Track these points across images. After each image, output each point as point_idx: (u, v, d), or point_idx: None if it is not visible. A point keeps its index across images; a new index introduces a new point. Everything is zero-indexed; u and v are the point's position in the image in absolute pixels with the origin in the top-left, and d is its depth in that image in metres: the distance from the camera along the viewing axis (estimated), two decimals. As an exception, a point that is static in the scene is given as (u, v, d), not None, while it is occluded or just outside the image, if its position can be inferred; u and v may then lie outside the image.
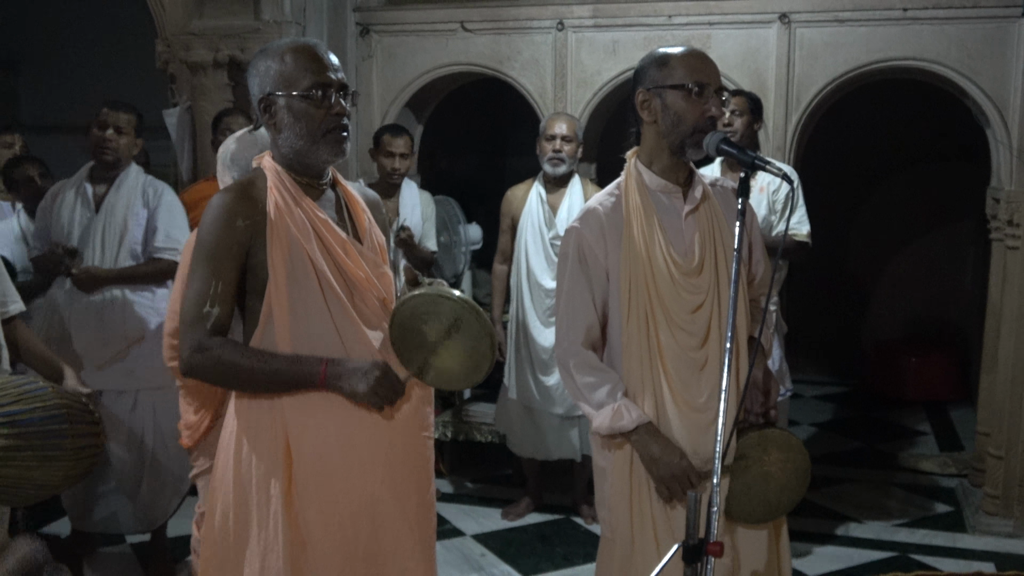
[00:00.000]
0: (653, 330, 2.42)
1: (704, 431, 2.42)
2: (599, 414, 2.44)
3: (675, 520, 2.43)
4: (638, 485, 2.46)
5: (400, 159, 4.74)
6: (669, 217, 2.47)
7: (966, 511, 4.90)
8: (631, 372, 2.45)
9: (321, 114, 2.20)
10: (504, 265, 4.84)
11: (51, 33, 8.01)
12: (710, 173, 4.20)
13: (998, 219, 4.63)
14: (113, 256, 4.00)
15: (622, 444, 2.47)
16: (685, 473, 2.39)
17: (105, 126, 3.99)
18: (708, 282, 2.45)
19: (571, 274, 2.50)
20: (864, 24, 4.65)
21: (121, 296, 4.00)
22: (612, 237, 2.47)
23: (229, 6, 4.91)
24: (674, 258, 2.44)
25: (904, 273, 7.58)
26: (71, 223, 4.03)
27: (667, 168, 2.48)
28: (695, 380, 2.44)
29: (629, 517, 2.47)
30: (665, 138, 2.43)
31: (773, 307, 4.13)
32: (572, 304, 2.50)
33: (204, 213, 2.22)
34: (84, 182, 4.08)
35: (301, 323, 2.20)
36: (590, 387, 2.45)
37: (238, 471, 2.25)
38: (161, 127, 5.12)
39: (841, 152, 7.13)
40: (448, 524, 4.74)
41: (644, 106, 2.44)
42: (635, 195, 2.47)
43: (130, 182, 4.06)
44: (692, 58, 2.42)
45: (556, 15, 5.07)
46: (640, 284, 2.42)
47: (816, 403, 7.13)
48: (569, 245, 2.51)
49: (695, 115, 2.38)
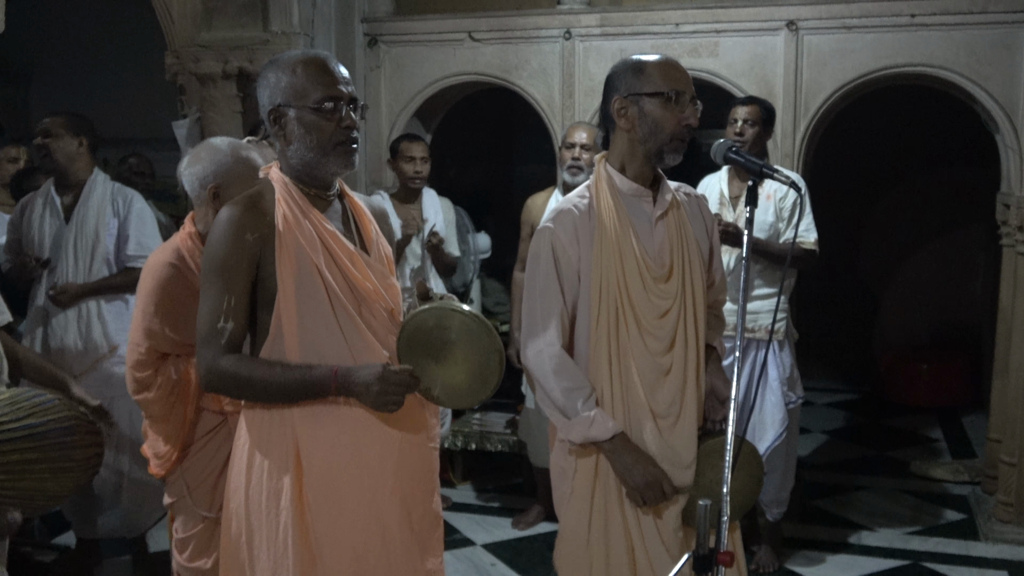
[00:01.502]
0: (625, 333, 2.44)
1: (667, 435, 2.45)
2: (573, 423, 2.44)
3: (645, 525, 2.46)
4: (603, 490, 2.48)
5: (420, 162, 4.85)
6: (639, 221, 2.50)
7: (979, 519, 4.87)
8: (599, 375, 2.46)
9: (331, 127, 2.21)
10: (524, 273, 4.83)
11: (63, 46, 8.07)
12: (717, 181, 4.23)
13: (1008, 225, 4.62)
14: (86, 267, 4.05)
15: (590, 451, 2.48)
16: (658, 480, 2.42)
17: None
18: (676, 288, 2.48)
19: (544, 274, 2.50)
20: (872, 31, 4.65)
21: (96, 307, 4.07)
22: (585, 238, 2.48)
23: (238, 18, 4.93)
24: (646, 262, 2.46)
25: (915, 279, 7.55)
26: (42, 234, 4.09)
27: (639, 173, 2.51)
28: (660, 385, 2.46)
29: (588, 519, 2.50)
30: (642, 145, 2.46)
31: (783, 314, 4.12)
32: (547, 305, 2.49)
33: (212, 227, 2.23)
34: (51, 192, 4.13)
35: (310, 335, 2.21)
36: (567, 393, 2.44)
37: (248, 485, 2.26)
38: (171, 139, 5.14)
39: (850, 159, 7.12)
40: (458, 533, 4.73)
41: (620, 113, 2.47)
42: (607, 197, 2.49)
43: (98, 192, 4.10)
44: (668, 66, 2.45)
45: (563, 24, 5.08)
46: (611, 287, 2.44)
47: (827, 410, 7.10)
48: (542, 245, 2.51)
49: (673, 123, 2.41)
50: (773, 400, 4.10)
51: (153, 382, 2.84)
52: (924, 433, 6.53)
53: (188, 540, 2.93)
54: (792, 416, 4.23)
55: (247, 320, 2.24)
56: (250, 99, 4.95)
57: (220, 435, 2.91)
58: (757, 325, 4.10)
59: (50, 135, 4.02)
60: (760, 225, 4.03)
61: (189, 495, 2.91)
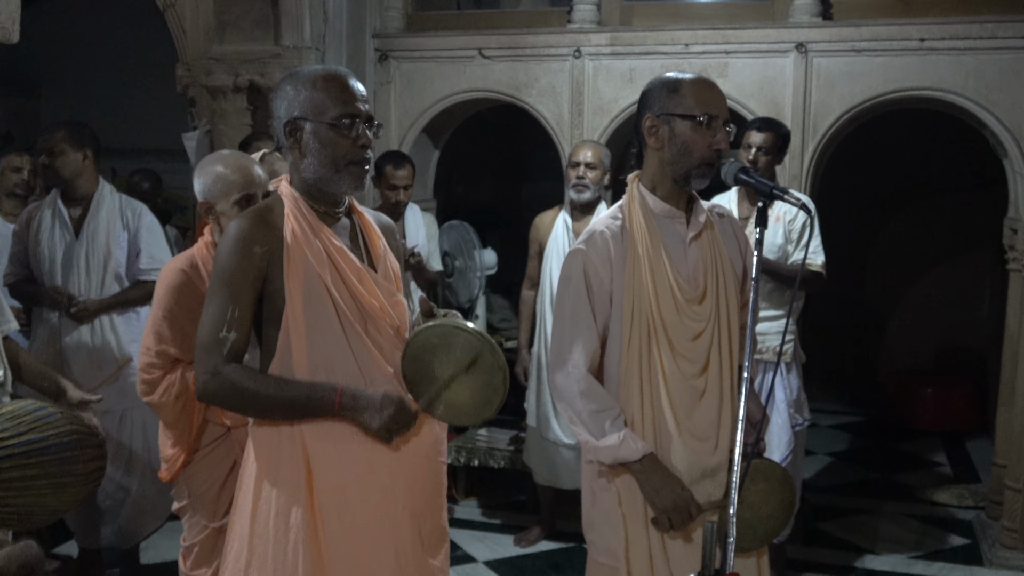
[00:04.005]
0: (655, 356, 2.40)
1: (705, 459, 2.41)
2: (603, 443, 2.41)
3: (671, 549, 2.42)
4: (634, 513, 2.45)
5: (403, 191, 4.76)
6: (672, 242, 2.46)
7: (983, 544, 4.84)
8: (630, 398, 2.42)
9: (347, 144, 2.21)
10: (532, 291, 4.82)
11: (73, 56, 8.11)
12: (727, 202, 4.22)
13: (1016, 249, 4.61)
14: (99, 281, 4.03)
15: (620, 472, 2.45)
16: (687, 504, 2.38)
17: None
18: (710, 310, 2.44)
19: (575, 297, 2.46)
20: (881, 54, 4.66)
21: (110, 321, 4.06)
22: (617, 260, 2.44)
23: (250, 32, 4.96)
24: (679, 284, 2.42)
25: (921, 303, 7.54)
26: (52, 247, 4.04)
27: (670, 193, 2.47)
28: (696, 408, 2.42)
29: (625, 544, 2.45)
30: (670, 166, 2.42)
31: (791, 336, 4.11)
32: (577, 328, 2.46)
33: (222, 239, 2.24)
34: (58, 204, 4.08)
35: (318, 350, 2.20)
36: (595, 415, 2.41)
37: (256, 505, 2.23)
38: (181, 150, 5.16)
39: (858, 182, 7.12)
40: (460, 550, 4.71)
41: (651, 132, 2.43)
42: (640, 219, 2.45)
43: (107, 205, 4.07)
44: (703, 88, 2.40)
45: (573, 43, 5.09)
46: (643, 309, 2.40)
47: (832, 432, 7.08)
48: (573, 268, 2.48)
49: (702, 147, 2.36)
50: (779, 422, 4.09)
51: (159, 385, 2.86)
52: (929, 457, 6.51)
53: (192, 548, 2.96)
54: (798, 438, 4.22)
55: (249, 333, 2.23)
56: (260, 112, 4.98)
57: (224, 446, 2.93)
58: (765, 347, 4.09)
59: (54, 153, 3.97)
60: (768, 247, 4.01)
61: (191, 503, 2.93)
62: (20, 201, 5.07)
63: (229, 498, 2.90)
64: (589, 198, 4.49)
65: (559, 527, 4.91)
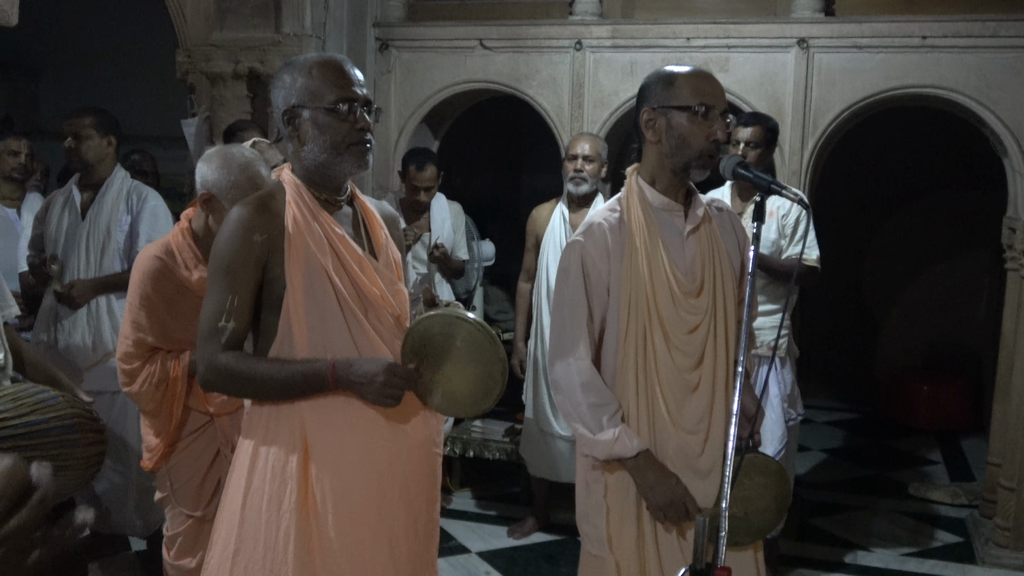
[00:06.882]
0: (651, 349, 2.40)
1: (695, 453, 2.42)
2: (599, 438, 2.40)
3: (663, 542, 2.43)
4: (619, 505, 2.46)
5: (425, 192, 4.80)
6: (670, 236, 2.46)
7: (976, 542, 4.86)
8: (626, 390, 2.43)
9: (346, 128, 2.20)
10: (528, 283, 4.83)
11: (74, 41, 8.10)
12: (720, 197, 4.22)
13: (1014, 249, 4.61)
14: (97, 262, 4.07)
15: (615, 468, 2.46)
16: (682, 499, 2.38)
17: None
18: (706, 303, 2.44)
19: (573, 289, 2.46)
20: (882, 51, 4.65)
21: (106, 303, 4.09)
22: (615, 252, 2.44)
23: (250, 19, 4.95)
24: (677, 277, 2.42)
25: (918, 301, 7.55)
26: (59, 230, 4.12)
27: (669, 187, 2.46)
28: (687, 401, 2.43)
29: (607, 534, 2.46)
30: (668, 159, 2.41)
31: (785, 331, 4.12)
32: (576, 319, 2.45)
33: (222, 226, 2.23)
34: (72, 189, 4.17)
35: (319, 337, 2.20)
36: (593, 409, 2.41)
37: (248, 490, 2.22)
38: (179, 137, 5.16)
39: (857, 178, 7.12)
40: (454, 540, 4.72)
41: (648, 125, 2.42)
42: (638, 211, 2.45)
43: (114, 189, 4.13)
44: (699, 79, 2.40)
45: (575, 35, 5.09)
46: (640, 301, 2.40)
47: (827, 429, 7.09)
48: (571, 259, 2.47)
49: (700, 138, 2.36)
50: (773, 417, 4.10)
51: (139, 375, 2.85)
52: (923, 455, 6.52)
53: (175, 538, 2.95)
54: (791, 433, 4.23)
55: (249, 321, 2.23)
56: (259, 100, 4.97)
57: (206, 435, 2.92)
58: (759, 341, 4.09)
59: (80, 137, 4.04)
60: (763, 242, 4.02)
61: (173, 493, 2.92)
62: (17, 185, 5.07)
63: (212, 488, 2.91)
64: (587, 191, 4.50)
65: (553, 519, 4.92)
